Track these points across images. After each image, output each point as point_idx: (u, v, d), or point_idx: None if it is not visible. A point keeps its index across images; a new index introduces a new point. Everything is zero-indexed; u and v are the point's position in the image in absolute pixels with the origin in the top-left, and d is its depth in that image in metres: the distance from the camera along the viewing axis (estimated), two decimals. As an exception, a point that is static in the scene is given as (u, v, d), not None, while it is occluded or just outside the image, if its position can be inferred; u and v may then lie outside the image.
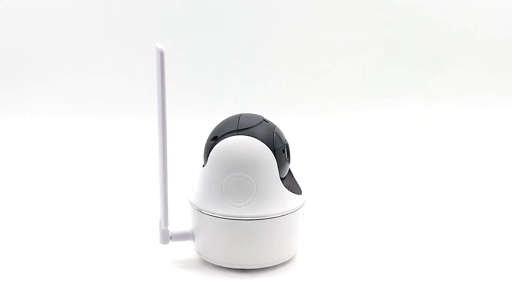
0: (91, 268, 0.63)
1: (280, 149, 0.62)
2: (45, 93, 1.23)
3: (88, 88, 1.24)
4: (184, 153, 1.00)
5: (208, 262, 0.63)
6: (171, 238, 0.64)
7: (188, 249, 0.66)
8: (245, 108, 0.70)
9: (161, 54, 0.57)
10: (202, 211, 0.62)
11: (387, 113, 1.17)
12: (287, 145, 0.64)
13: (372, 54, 1.23)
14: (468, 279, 0.59)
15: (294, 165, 0.66)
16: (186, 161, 0.95)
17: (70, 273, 0.62)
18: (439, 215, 0.74)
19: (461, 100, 1.19)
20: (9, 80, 1.25)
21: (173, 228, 0.64)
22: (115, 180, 0.91)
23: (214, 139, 0.62)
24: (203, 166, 0.64)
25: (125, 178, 0.92)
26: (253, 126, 0.62)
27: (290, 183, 0.64)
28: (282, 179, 0.63)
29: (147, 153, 1.05)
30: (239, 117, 0.63)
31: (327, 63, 1.23)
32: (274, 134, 0.62)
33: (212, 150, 0.62)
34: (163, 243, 0.64)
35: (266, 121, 0.64)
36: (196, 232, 0.64)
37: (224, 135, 0.62)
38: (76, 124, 1.18)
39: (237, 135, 0.62)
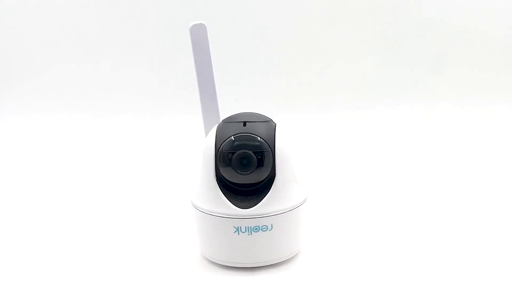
0: (93, 267, 0.63)
1: (224, 152, 0.58)
2: (43, 92, 1.24)
3: (87, 88, 1.24)
4: (183, 153, 1.00)
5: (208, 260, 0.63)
6: None
7: (189, 248, 0.66)
8: (245, 108, 0.70)
9: None
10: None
11: (387, 113, 1.17)
12: (240, 154, 0.58)
13: (372, 54, 1.23)
14: (467, 279, 0.59)
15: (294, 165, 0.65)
16: (185, 160, 0.95)
17: (71, 273, 0.62)
18: (439, 215, 0.74)
19: (461, 100, 1.19)
20: (7, 80, 1.25)
21: None
22: (114, 179, 0.91)
23: None
24: None
25: (124, 177, 0.92)
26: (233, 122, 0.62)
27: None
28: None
29: (146, 153, 1.05)
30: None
31: (327, 63, 1.23)
32: (229, 137, 0.59)
33: None
34: None
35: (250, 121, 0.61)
36: None
37: None
38: (75, 123, 1.18)
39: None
